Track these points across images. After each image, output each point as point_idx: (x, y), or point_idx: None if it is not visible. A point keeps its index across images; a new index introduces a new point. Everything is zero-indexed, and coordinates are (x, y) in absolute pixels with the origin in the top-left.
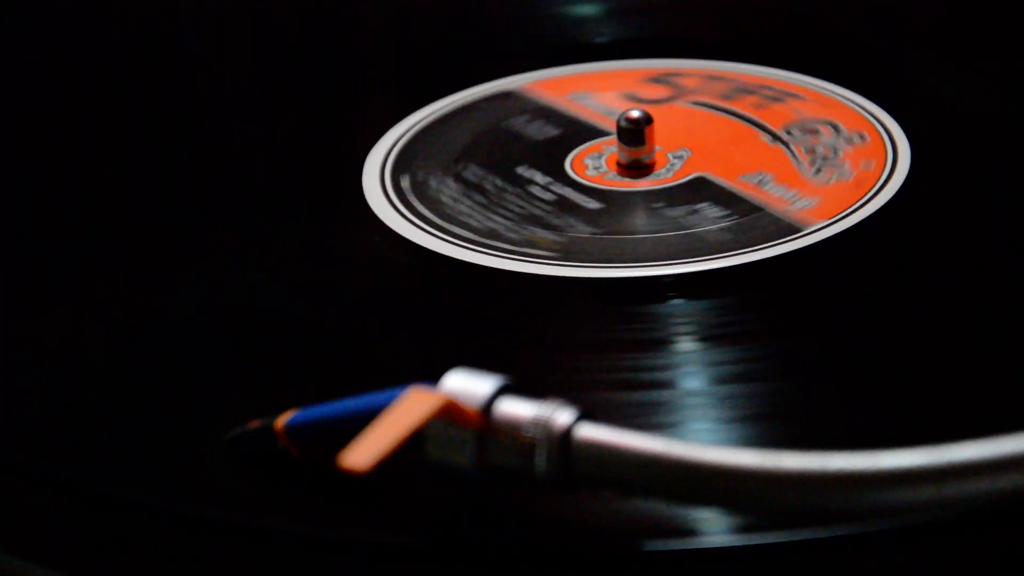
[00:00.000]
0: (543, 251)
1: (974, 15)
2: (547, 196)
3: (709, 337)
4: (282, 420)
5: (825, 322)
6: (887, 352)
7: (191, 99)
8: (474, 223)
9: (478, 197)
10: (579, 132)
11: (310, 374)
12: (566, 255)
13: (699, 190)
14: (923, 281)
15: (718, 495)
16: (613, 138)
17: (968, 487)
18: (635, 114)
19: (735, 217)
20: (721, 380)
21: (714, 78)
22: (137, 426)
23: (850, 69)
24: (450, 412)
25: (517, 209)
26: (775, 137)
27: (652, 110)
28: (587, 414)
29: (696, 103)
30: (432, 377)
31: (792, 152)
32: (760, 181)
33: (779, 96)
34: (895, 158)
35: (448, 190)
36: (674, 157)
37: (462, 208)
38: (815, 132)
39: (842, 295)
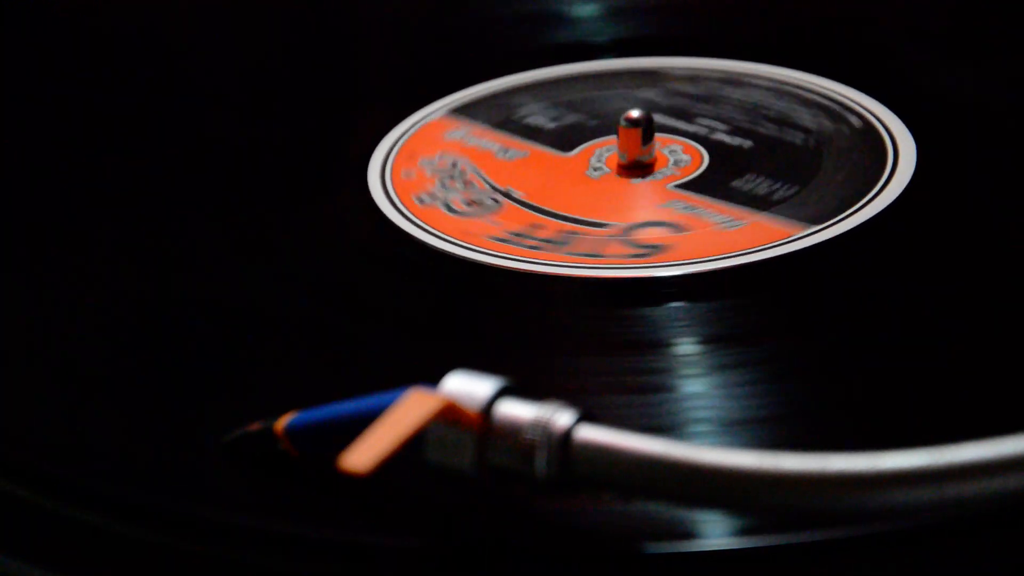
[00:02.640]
0: None
1: (977, 11)
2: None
3: (709, 338)
4: (282, 422)
5: (825, 323)
6: (887, 353)
7: (192, 98)
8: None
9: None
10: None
11: (310, 375)
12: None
13: None
14: (923, 282)
15: (718, 497)
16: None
17: (968, 488)
18: (635, 114)
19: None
20: (721, 382)
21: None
22: (137, 427)
23: (850, 68)
24: (450, 414)
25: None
26: None
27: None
28: (587, 416)
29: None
30: (432, 379)
31: None
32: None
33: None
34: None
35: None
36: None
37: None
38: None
39: (842, 296)
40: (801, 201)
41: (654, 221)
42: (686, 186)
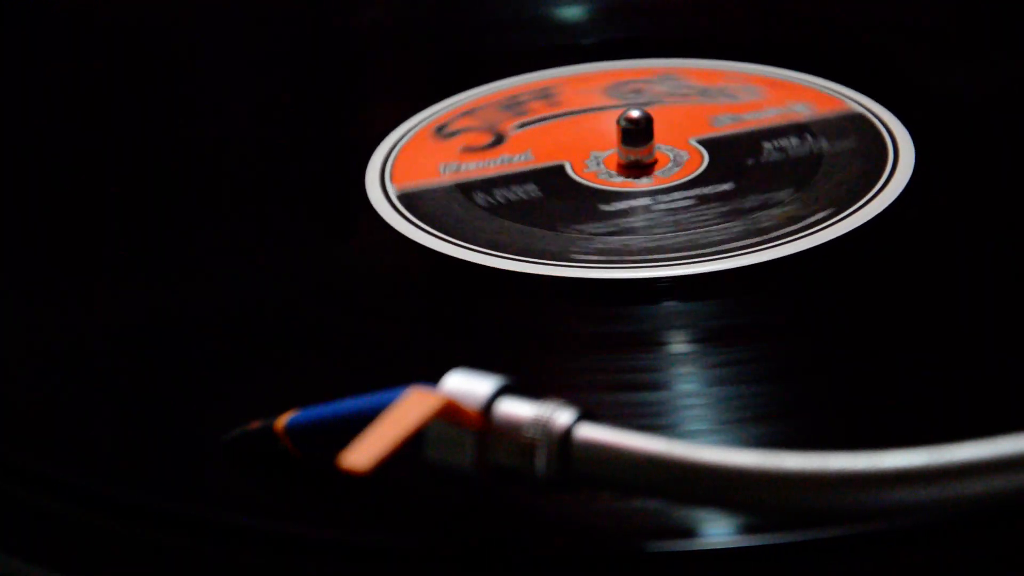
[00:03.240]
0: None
1: (976, 11)
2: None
3: (709, 338)
4: (282, 420)
5: (826, 322)
6: (887, 352)
7: (193, 100)
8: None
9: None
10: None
11: (311, 374)
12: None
13: None
14: (922, 281)
15: (718, 495)
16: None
17: (968, 487)
18: (635, 114)
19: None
20: (721, 381)
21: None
22: (138, 426)
23: (850, 69)
24: (450, 412)
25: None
26: None
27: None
28: (587, 414)
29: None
30: (432, 377)
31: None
32: None
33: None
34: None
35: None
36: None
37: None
38: None
39: (843, 295)
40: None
41: None
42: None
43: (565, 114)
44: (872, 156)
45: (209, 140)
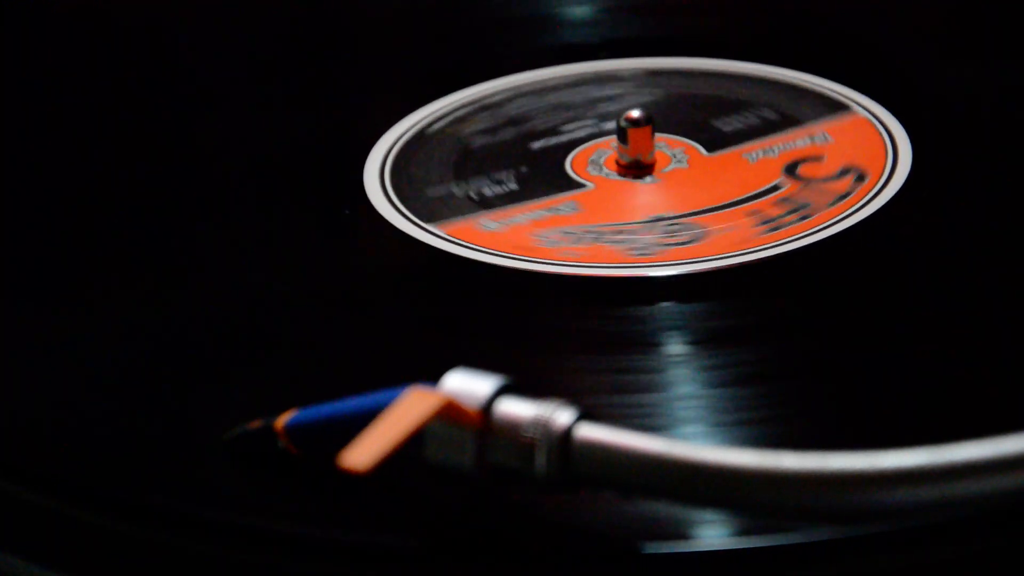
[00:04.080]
0: None
1: (976, 11)
2: None
3: (708, 338)
4: (282, 420)
5: (824, 322)
6: (887, 352)
7: (191, 98)
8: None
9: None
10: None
11: (311, 374)
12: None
13: None
14: (921, 281)
15: (718, 496)
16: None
17: (969, 487)
18: (635, 114)
19: None
20: (720, 381)
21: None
22: (138, 426)
23: (850, 68)
24: (450, 412)
25: None
26: None
27: None
28: (587, 414)
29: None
30: (432, 377)
31: None
32: None
33: None
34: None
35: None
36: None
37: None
38: None
39: (842, 295)
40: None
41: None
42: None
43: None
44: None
45: (208, 140)
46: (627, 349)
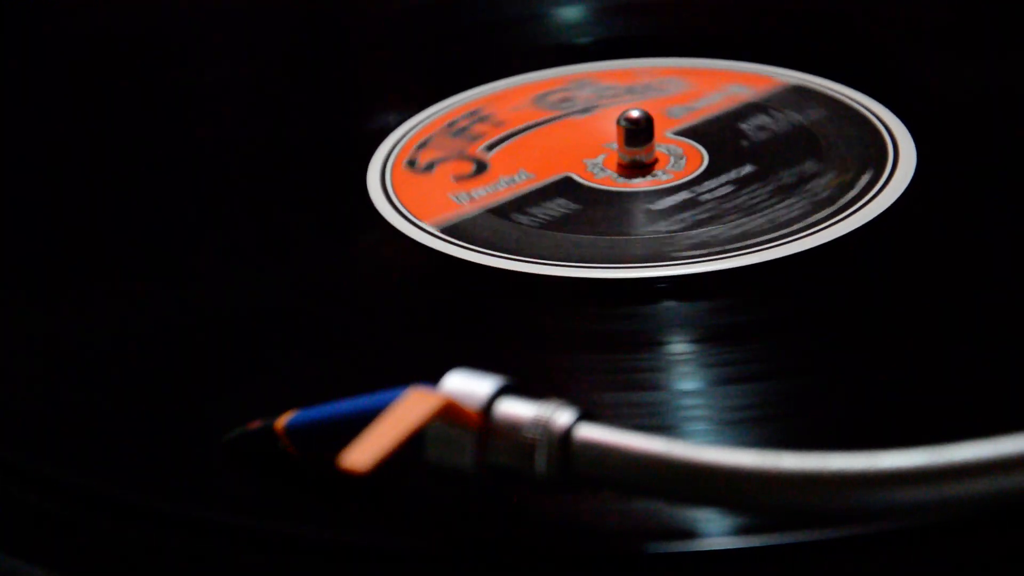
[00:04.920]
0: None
1: (976, 11)
2: None
3: (708, 338)
4: (282, 421)
5: (825, 322)
6: (887, 352)
7: (192, 100)
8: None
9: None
10: None
11: (310, 374)
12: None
13: None
14: (922, 282)
15: (718, 495)
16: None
17: (968, 487)
18: (635, 114)
19: None
20: (720, 381)
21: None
22: (138, 426)
23: (850, 68)
24: (450, 412)
25: None
26: None
27: None
28: (587, 414)
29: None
30: (432, 377)
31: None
32: None
33: None
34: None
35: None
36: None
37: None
38: None
39: (842, 295)
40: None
41: None
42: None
43: (519, 131)
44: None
45: (209, 140)
46: (627, 349)
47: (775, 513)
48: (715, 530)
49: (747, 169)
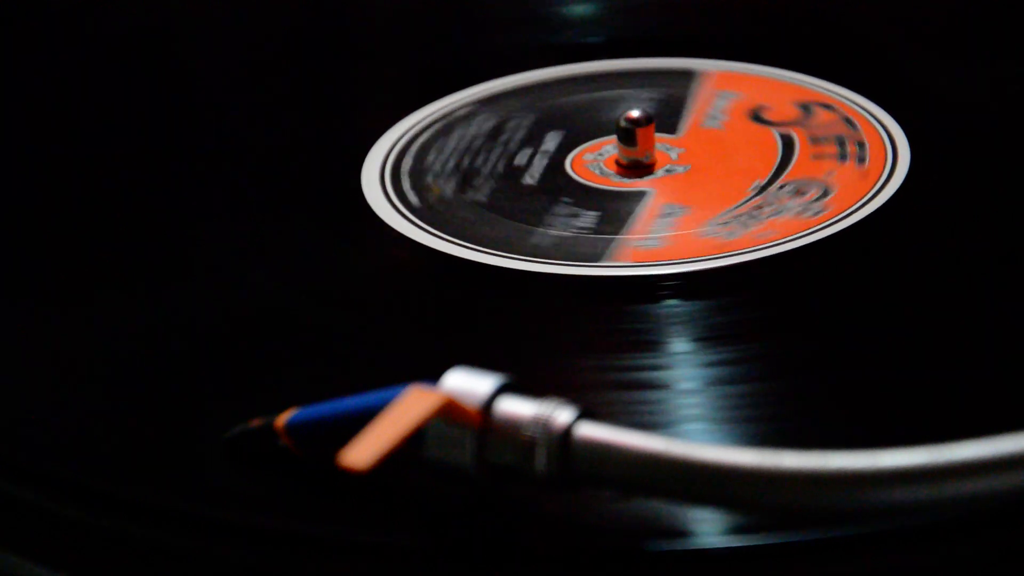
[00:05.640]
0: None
1: (975, 12)
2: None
3: (708, 337)
4: (282, 419)
5: (824, 321)
6: (886, 351)
7: (190, 100)
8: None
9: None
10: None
11: (310, 374)
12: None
13: None
14: (920, 281)
15: (717, 494)
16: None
17: (968, 487)
18: (635, 114)
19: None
20: (720, 380)
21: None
22: (138, 425)
23: (849, 69)
24: (450, 411)
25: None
26: None
27: None
28: (587, 413)
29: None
30: (432, 376)
31: None
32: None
33: None
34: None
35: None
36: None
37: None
38: None
39: (841, 295)
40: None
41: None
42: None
43: None
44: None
45: (208, 140)
46: (627, 348)
47: (775, 513)
48: (714, 529)
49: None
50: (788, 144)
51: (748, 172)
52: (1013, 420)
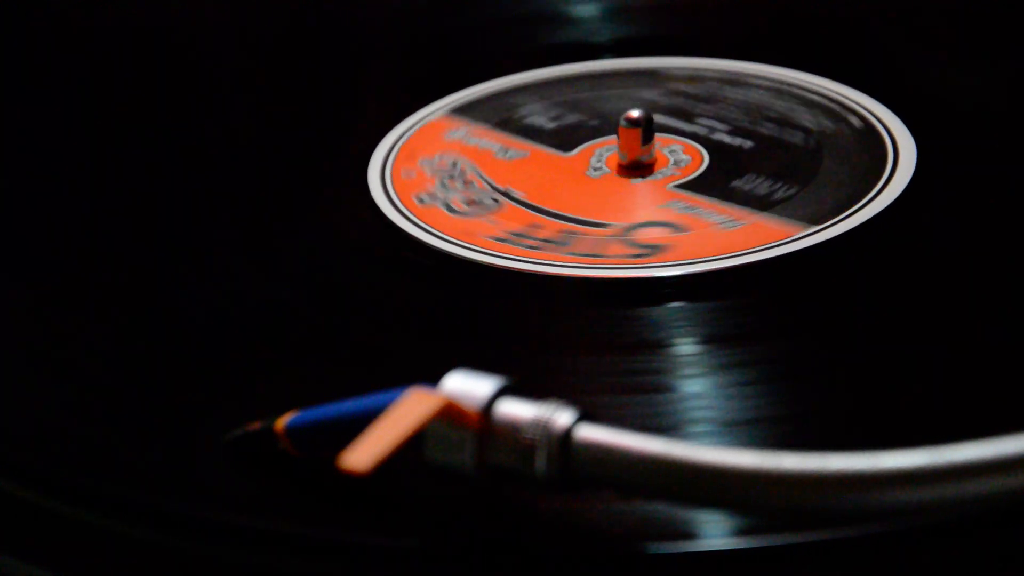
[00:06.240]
0: None
1: (977, 11)
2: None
3: (709, 338)
4: (282, 421)
5: (826, 323)
6: (887, 352)
7: (193, 98)
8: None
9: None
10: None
11: (310, 374)
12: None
13: None
14: (922, 282)
15: (718, 496)
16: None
17: (968, 488)
18: (635, 114)
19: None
20: (720, 382)
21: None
22: (137, 426)
23: (850, 69)
24: (450, 413)
25: None
26: None
27: None
28: (587, 415)
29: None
30: (432, 377)
31: None
32: None
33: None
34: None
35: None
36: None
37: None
38: None
39: (842, 296)
40: (801, 201)
41: (654, 221)
42: (686, 186)
43: None
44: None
45: (208, 139)
46: (627, 350)
47: (775, 514)
48: (715, 531)
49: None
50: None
51: None
52: (1013, 420)
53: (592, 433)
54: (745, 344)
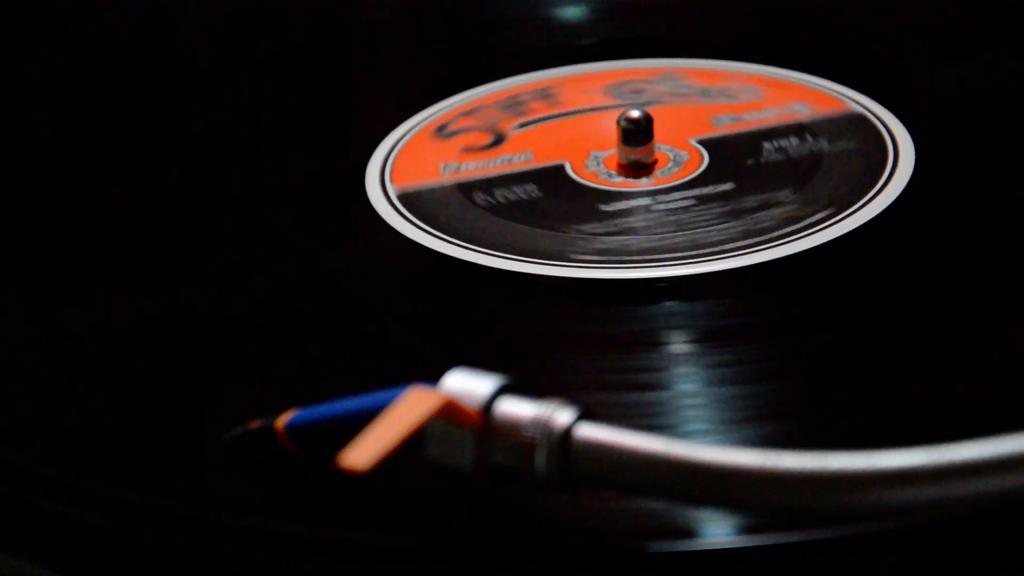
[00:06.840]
0: None
1: (975, 10)
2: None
3: (708, 338)
4: (282, 420)
5: (825, 322)
6: (887, 352)
7: (193, 99)
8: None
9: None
10: None
11: (310, 374)
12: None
13: None
14: (922, 281)
15: (718, 495)
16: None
17: (968, 487)
18: (635, 114)
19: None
20: (720, 381)
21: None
22: (138, 426)
23: (850, 68)
24: (450, 412)
25: None
26: None
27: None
28: (587, 414)
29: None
30: (432, 377)
31: None
32: None
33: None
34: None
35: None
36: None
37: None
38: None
39: (842, 295)
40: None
41: None
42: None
43: (565, 114)
44: (872, 156)
45: (208, 139)
46: (627, 349)
47: (775, 513)
48: (715, 530)
49: (725, 187)
50: None
51: None
52: (1013, 420)
53: (592, 432)
54: (744, 343)
